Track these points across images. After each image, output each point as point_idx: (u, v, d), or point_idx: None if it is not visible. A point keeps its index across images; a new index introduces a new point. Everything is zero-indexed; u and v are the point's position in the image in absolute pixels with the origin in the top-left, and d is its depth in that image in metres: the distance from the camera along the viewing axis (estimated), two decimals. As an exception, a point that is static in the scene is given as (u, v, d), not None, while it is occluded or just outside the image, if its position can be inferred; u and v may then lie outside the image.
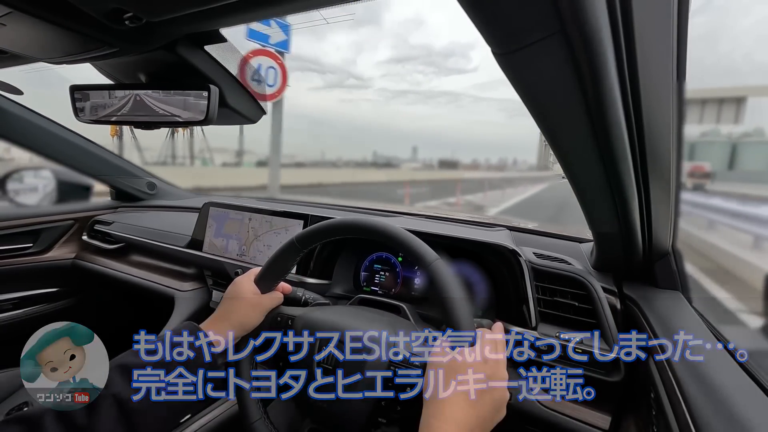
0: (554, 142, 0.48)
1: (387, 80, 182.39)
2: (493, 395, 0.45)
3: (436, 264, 0.51)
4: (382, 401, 0.53)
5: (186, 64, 0.61)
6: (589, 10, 0.29)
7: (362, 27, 24.13)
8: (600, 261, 0.79)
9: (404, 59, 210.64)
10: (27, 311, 1.43)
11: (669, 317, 0.61)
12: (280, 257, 0.64)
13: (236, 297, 0.63)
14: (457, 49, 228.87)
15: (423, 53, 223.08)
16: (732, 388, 0.44)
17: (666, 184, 0.54)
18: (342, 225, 0.59)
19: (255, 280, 0.65)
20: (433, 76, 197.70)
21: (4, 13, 0.46)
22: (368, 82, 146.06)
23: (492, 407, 0.45)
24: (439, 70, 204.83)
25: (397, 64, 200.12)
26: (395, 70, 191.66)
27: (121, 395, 0.47)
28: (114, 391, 0.47)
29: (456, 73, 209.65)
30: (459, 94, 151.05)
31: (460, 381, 0.45)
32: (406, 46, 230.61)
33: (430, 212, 1.26)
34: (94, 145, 1.47)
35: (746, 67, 32.25)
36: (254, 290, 0.64)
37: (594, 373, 0.67)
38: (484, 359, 0.46)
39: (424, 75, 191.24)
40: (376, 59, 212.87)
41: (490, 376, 0.46)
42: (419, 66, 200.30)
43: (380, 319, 0.62)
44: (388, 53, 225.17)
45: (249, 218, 1.11)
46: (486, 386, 0.45)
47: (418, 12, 60.85)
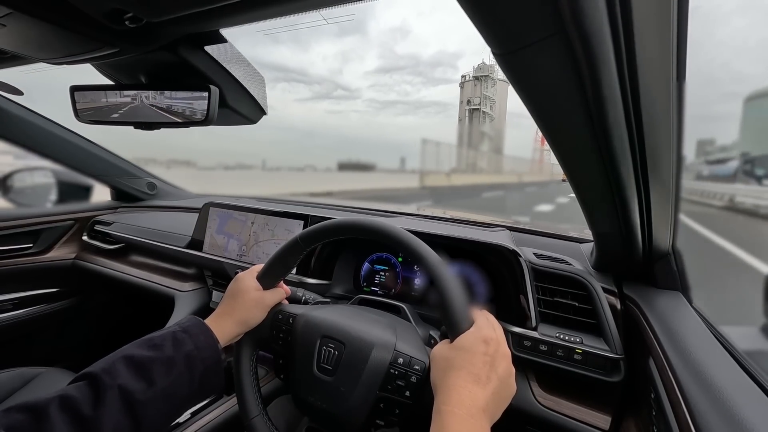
0: (554, 142, 0.48)
1: (375, 91, 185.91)
2: (498, 373, 0.45)
3: (440, 267, 0.51)
4: (381, 403, 0.53)
5: (186, 65, 0.61)
6: (589, 10, 0.29)
7: (348, 36, 23.39)
8: (600, 261, 0.79)
9: (392, 69, 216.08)
10: (27, 311, 1.43)
11: (669, 317, 0.61)
12: (283, 255, 0.63)
13: (239, 293, 0.63)
14: (444, 58, 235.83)
15: (410, 63, 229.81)
16: (732, 388, 0.44)
17: (666, 184, 0.54)
18: (346, 225, 0.59)
19: (257, 277, 0.65)
20: (421, 86, 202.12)
21: (5, 13, 0.46)
22: (356, 93, 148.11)
23: (500, 384, 0.45)
24: (427, 80, 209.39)
25: (385, 74, 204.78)
26: (383, 80, 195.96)
27: (127, 387, 0.46)
28: (120, 382, 0.46)
29: (444, 83, 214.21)
30: (447, 104, 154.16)
31: (464, 364, 0.45)
32: (393, 56, 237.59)
33: (430, 212, 1.26)
34: (94, 145, 1.47)
35: (725, 75, 31.21)
36: (257, 286, 0.64)
37: (594, 373, 0.67)
38: (484, 339, 0.47)
39: (412, 85, 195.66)
40: (363, 69, 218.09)
41: (492, 354, 0.46)
42: (407, 76, 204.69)
43: (381, 320, 0.61)
44: (375, 63, 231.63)
45: (252, 221, 1.11)
46: (490, 365, 0.45)
47: (405, 21, 59.25)
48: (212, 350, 0.55)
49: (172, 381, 0.50)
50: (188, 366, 0.52)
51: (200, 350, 0.54)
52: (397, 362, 0.53)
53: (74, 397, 0.44)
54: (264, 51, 17.90)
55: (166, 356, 0.51)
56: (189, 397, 0.53)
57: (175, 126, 0.65)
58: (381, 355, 0.54)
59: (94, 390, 0.45)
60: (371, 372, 0.53)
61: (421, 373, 0.52)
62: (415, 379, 0.52)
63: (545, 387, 0.74)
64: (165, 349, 0.52)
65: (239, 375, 0.62)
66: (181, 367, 0.51)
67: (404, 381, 0.52)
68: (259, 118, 0.78)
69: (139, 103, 0.65)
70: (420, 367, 0.52)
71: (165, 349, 0.52)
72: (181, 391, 0.51)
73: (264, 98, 0.75)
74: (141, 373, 0.48)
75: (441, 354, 0.48)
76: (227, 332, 0.59)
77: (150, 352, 0.51)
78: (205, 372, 0.54)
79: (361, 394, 0.53)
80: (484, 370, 0.45)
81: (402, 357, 0.54)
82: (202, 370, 0.53)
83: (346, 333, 0.57)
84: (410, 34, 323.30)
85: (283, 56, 18.87)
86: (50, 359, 1.47)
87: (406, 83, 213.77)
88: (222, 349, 0.57)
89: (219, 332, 0.58)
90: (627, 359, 0.66)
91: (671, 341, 0.55)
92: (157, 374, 0.49)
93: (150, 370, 0.49)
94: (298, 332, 0.60)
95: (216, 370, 0.55)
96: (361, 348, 0.55)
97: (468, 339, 0.47)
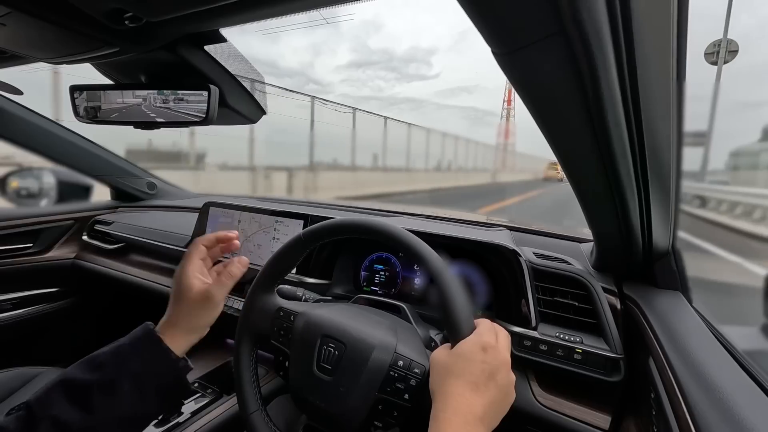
0: (554, 142, 0.48)
1: (348, 86, 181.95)
2: (497, 381, 0.45)
3: (444, 273, 0.51)
4: (379, 405, 0.53)
5: (186, 64, 0.61)
6: (589, 10, 0.29)
7: (319, 28, 22.55)
8: (600, 261, 0.79)
9: (365, 64, 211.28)
10: (27, 311, 1.43)
11: (669, 317, 0.61)
12: (285, 252, 0.63)
13: (180, 295, 0.55)
14: (418, 54, 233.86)
15: (384, 58, 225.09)
16: (732, 388, 0.44)
17: (666, 183, 0.54)
18: (351, 225, 0.59)
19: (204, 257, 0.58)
20: (395, 83, 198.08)
21: (4, 13, 0.46)
22: (329, 88, 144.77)
23: (498, 392, 0.45)
24: (401, 76, 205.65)
25: (358, 69, 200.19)
26: (356, 75, 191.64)
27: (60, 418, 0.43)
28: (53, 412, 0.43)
29: (418, 79, 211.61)
30: (422, 100, 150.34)
31: (463, 372, 0.45)
32: (366, 50, 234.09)
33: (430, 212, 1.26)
34: (94, 145, 1.47)
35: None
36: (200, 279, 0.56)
37: (594, 373, 0.67)
38: (483, 347, 0.46)
39: (385, 81, 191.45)
40: (335, 63, 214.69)
41: (491, 362, 0.46)
42: (380, 71, 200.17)
43: (382, 321, 0.61)
44: (347, 57, 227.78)
45: (239, 220, 1.12)
46: (489, 373, 0.45)
47: (377, 15, 58.66)
48: (164, 365, 0.51)
49: (116, 405, 0.46)
50: (136, 386, 0.48)
51: (149, 365, 0.49)
52: (397, 365, 0.53)
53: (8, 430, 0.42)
54: (230, 41, 17.61)
55: (108, 379, 0.47)
56: (147, 416, 0.50)
57: (175, 126, 0.65)
58: (381, 356, 0.54)
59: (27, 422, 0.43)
60: (371, 373, 0.53)
61: (421, 376, 0.52)
62: (414, 383, 0.51)
63: (545, 387, 0.74)
64: (107, 370, 0.47)
65: (239, 370, 0.62)
66: (125, 387, 0.47)
67: (403, 384, 0.52)
68: (259, 118, 0.78)
69: (138, 103, 0.65)
70: (420, 371, 0.52)
71: (107, 370, 0.47)
72: (134, 410, 0.48)
73: (264, 98, 0.75)
74: (77, 400, 0.45)
75: (440, 360, 0.48)
76: (178, 344, 0.54)
77: (90, 375, 0.47)
78: (160, 387, 0.50)
79: (360, 394, 0.53)
80: (482, 378, 0.44)
81: (402, 360, 0.53)
82: (156, 386, 0.49)
83: (347, 333, 0.57)
84: (383, 28, 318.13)
85: (251, 47, 18.11)
86: (50, 359, 1.47)
87: (379, 79, 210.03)
88: (178, 358, 0.53)
89: (170, 343, 0.52)
90: (627, 359, 0.66)
91: (671, 341, 0.55)
92: (97, 400, 0.45)
93: (88, 397, 0.45)
94: (298, 330, 0.60)
95: (174, 384, 0.51)
96: (362, 349, 0.55)
97: (467, 346, 0.46)
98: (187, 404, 0.91)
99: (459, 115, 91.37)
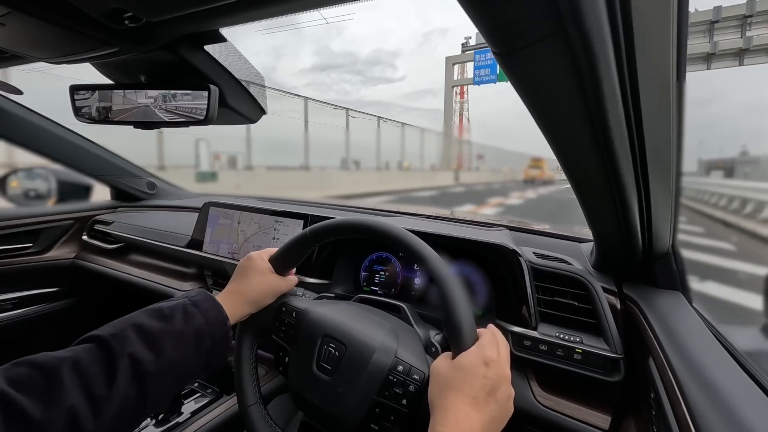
0: (554, 142, 0.48)
1: (313, 89, 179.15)
2: (497, 397, 0.45)
3: (450, 281, 0.50)
4: (377, 408, 0.52)
5: (186, 64, 0.61)
6: (589, 10, 0.29)
7: (279, 31, 21.77)
8: (600, 261, 0.79)
9: (328, 67, 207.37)
10: (27, 311, 1.43)
11: (669, 317, 0.61)
12: (293, 246, 0.63)
13: (252, 272, 0.61)
14: (382, 56, 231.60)
15: (348, 61, 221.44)
16: (732, 388, 0.44)
17: (666, 183, 0.54)
18: (357, 225, 0.58)
19: (270, 259, 0.64)
20: (360, 86, 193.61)
21: (4, 12, 0.46)
22: (292, 91, 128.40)
23: (498, 407, 0.45)
24: (366, 79, 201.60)
25: (322, 72, 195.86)
26: (320, 78, 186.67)
27: (137, 356, 0.46)
28: (130, 350, 0.46)
29: (383, 82, 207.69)
30: (388, 104, 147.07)
31: (463, 386, 0.44)
32: (329, 53, 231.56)
33: (430, 212, 1.26)
34: (94, 145, 1.47)
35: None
36: (271, 269, 0.63)
37: (594, 373, 0.67)
38: (485, 361, 0.46)
39: (351, 84, 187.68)
40: (298, 67, 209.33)
41: (492, 378, 0.45)
42: (345, 75, 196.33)
43: (384, 324, 0.61)
44: (310, 60, 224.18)
45: (238, 221, 1.12)
46: (489, 389, 0.45)
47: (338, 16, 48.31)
48: (221, 326, 0.55)
49: (180, 354, 0.50)
50: (197, 340, 0.52)
51: (210, 325, 0.53)
52: (396, 369, 0.53)
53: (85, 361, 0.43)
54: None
55: (176, 329, 0.50)
56: (195, 372, 0.53)
57: (175, 125, 0.65)
58: (381, 360, 0.54)
59: (105, 356, 0.45)
60: (370, 376, 0.53)
61: (420, 383, 0.51)
62: (413, 389, 0.51)
63: (545, 387, 0.74)
64: (175, 321, 0.51)
65: (239, 363, 0.62)
66: (190, 341, 0.51)
67: (402, 389, 0.51)
68: (259, 118, 0.78)
69: (138, 103, 0.65)
70: (419, 377, 0.52)
71: (175, 322, 0.51)
72: (188, 364, 0.51)
73: (264, 97, 0.75)
74: (151, 343, 0.48)
75: (441, 371, 0.47)
76: (237, 310, 0.59)
77: (160, 323, 0.50)
78: (213, 347, 0.53)
79: (358, 397, 0.53)
80: (482, 393, 0.44)
81: (402, 365, 0.53)
82: (210, 346, 0.53)
83: (348, 334, 0.57)
84: (345, 31, 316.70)
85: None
86: (50, 359, 1.47)
87: (344, 82, 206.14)
88: (230, 326, 0.57)
89: (229, 309, 0.57)
90: (627, 359, 0.66)
91: (671, 341, 0.55)
92: (167, 346, 0.48)
93: (160, 342, 0.48)
94: (300, 328, 0.60)
95: (223, 347, 0.55)
96: (362, 351, 0.55)
97: (469, 359, 0.46)
98: (187, 404, 0.92)
99: (425, 117, 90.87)
